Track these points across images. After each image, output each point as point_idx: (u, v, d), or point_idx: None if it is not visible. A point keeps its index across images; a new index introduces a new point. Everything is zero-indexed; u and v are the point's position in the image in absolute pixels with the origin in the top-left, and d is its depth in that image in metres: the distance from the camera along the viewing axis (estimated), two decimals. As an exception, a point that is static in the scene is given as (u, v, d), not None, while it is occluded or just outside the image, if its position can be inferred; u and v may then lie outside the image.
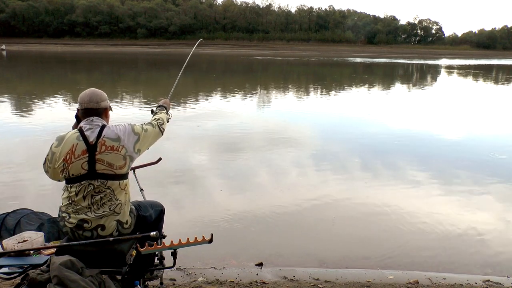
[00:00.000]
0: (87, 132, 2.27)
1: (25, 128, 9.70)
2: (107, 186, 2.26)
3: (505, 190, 6.14)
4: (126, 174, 2.34)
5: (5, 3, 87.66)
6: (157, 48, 78.49)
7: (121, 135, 2.30)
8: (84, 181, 2.23)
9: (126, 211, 2.35)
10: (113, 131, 2.30)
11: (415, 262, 4.05)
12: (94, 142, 2.24)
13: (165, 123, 2.73)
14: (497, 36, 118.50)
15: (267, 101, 16.37)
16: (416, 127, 10.94)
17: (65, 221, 2.25)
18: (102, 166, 2.23)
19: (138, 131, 2.41)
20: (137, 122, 2.53)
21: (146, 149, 2.53)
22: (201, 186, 5.97)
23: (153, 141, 2.56)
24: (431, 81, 29.23)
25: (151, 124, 2.58)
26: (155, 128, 2.57)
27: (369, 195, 5.73)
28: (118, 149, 2.27)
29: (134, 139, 2.36)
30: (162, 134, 2.64)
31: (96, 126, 2.29)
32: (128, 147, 2.31)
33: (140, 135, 2.40)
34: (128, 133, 2.35)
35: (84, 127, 2.29)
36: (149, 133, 2.49)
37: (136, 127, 2.43)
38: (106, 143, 2.25)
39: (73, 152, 2.23)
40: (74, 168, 2.23)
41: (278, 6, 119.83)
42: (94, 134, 2.26)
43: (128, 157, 2.31)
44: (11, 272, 2.13)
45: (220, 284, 3.47)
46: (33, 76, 25.23)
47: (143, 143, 2.43)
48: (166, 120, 2.77)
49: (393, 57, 66.87)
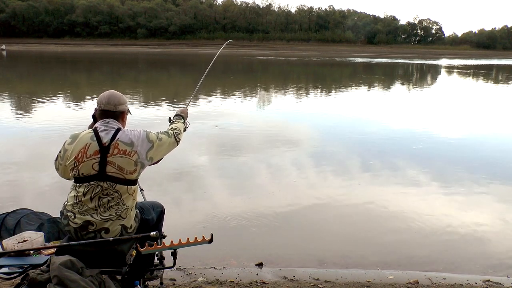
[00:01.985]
0: (101, 133, 2.26)
1: (25, 128, 9.69)
2: (115, 190, 2.24)
3: (505, 190, 6.13)
4: (135, 180, 2.33)
5: (5, 3, 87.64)
6: (157, 48, 78.52)
7: (134, 141, 2.28)
8: (93, 182, 2.22)
9: (131, 216, 2.34)
10: (127, 135, 2.28)
11: (415, 262, 4.05)
12: (107, 144, 2.23)
13: (182, 133, 2.68)
14: (497, 36, 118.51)
15: (267, 101, 16.37)
16: (416, 127, 10.93)
17: (70, 220, 2.24)
18: (113, 169, 2.22)
19: (152, 139, 2.38)
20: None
21: (160, 159, 2.50)
22: (201, 186, 5.97)
23: (168, 151, 2.52)
24: (431, 81, 29.24)
25: (167, 134, 2.53)
26: (171, 138, 2.53)
27: (369, 195, 5.73)
28: (130, 154, 2.25)
29: (148, 147, 2.34)
30: (177, 144, 2.59)
31: (111, 128, 2.28)
32: (141, 154, 2.29)
33: (154, 143, 2.38)
34: (142, 139, 2.32)
35: (99, 128, 2.28)
36: (163, 142, 2.45)
37: (151, 134, 2.40)
38: (119, 146, 2.24)
39: (85, 151, 2.22)
40: (84, 168, 2.22)
41: (278, 6, 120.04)
42: (109, 136, 2.25)
43: (140, 163, 2.29)
44: (11, 272, 2.13)
45: (220, 284, 3.47)
46: (33, 76, 25.24)
47: (156, 152, 2.40)
48: (182, 130, 2.73)
49: (393, 57, 66.87)
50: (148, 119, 10.26)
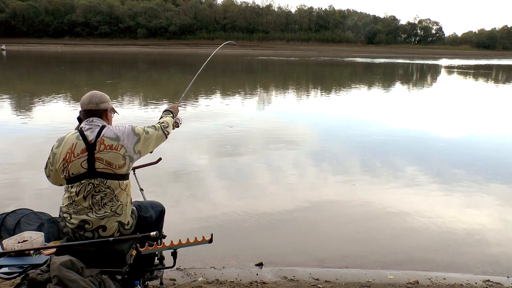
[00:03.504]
0: (86, 132, 2.28)
1: (25, 128, 9.69)
2: (106, 186, 2.25)
3: (505, 190, 6.13)
4: (126, 174, 2.34)
5: (5, 3, 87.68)
6: (157, 48, 78.53)
7: (120, 135, 2.31)
8: (84, 180, 2.24)
9: (127, 212, 2.34)
10: (112, 130, 2.31)
11: (415, 262, 4.05)
12: (93, 141, 2.25)
13: (170, 127, 2.70)
14: (497, 36, 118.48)
15: (267, 101, 16.36)
16: (416, 127, 10.93)
17: (66, 221, 2.25)
18: (101, 164, 2.24)
19: (138, 132, 2.40)
20: (139, 123, 2.53)
21: (149, 152, 2.52)
22: (201, 186, 5.97)
23: (156, 144, 2.54)
24: (431, 81, 29.24)
25: (154, 127, 2.55)
26: (158, 131, 2.55)
27: (369, 195, 5.72)
28: (117, 148, 2.27)
29: (134, 140, 2.36)
30: (166, 137, 2.62)
31: (96, 126, 2.31)
32: (128, 147, 2.31)
33: (141, 137, 2.40)
34: (128, 133, 2.35)
35: (84, 127, 2.31)
36: (150, 135, 2.47)
37: (137, 128, 2.42)
38: (105, 142, 2.26)
39: (72, 151, 2.24)
40: (74, 167, 2.23)
41: (278, 6, 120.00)
42: (94, 134, 2.27)
43: (128, 157, 2.30)
44: (11, 272, 2.13)
45: (220, 284, 3.47)
46: (33, 76, 25.24)
47: (144, 145, 2.42)
48: (171, 124, 2.75)
49: (393, 57, 66.87)
50: (148, 119, 10.37)
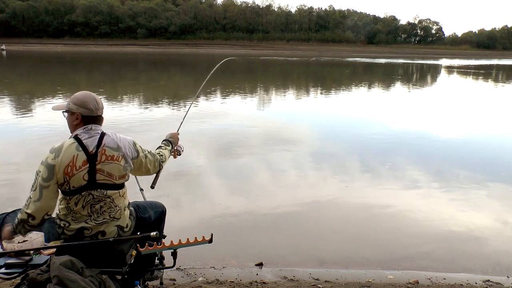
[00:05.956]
0: (85, 141, 2.16)
1: (24, 128, 9.69)
2: (107, 196, 2.21)
3: (505, 190, 6.13)
4: (124, 182, 2.32)
5: (5, 3, 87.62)
6: (157, 48, 78.51)
7: (121, 145, 2.23)
8: (84, 192, 2.16)
9: (126, 215, 2.33)
10: (113, 139, 2.22)
11: (415, 262, 4.05)
12: (94, 152, 2.15)
13: (166, 162, 2.64)
14: (497, 36, 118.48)
15: (267, 101, 16.36)
16: (416, 127, 10.93)
17: (64, 228, 2.22)
18: (102, 176, 2.17)
19: (138, 149, 2.34)
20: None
21: (135, 175, 2.49)
22: (201, 186, 5.97)
23: (146, 171, 2.44)
24: (431, 81, 29.24)
25: (153, 155, 2.48)
26: (156, 161, 2.49)
27: (369, 195, 5.73)
28: (118, 159, 2.21)
29: (133, 155, 2.30)
30: (158, 170, 2.56)
31: (95, 133, 2.20)
32: (127, 159, 2.26)
33: (140, 154, 2.34)
34: (129, 145, 2.29)
35: (82, 136, 2.17)
36: (148, 159, 2.42)
37: (138, 145, 2.37)
38: (107, 152, 2.18)
39: (74, 164, 2.11)
40: (75, 181, 2.13)
41: (278, 6, 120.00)
42: (94, 143, 2.17)
43: (128, 168, 2.27)
44: (11, 272, 2.13)
45: (220, 284, 3.47)
46: (33, 76, 25.23)
47: (140, 165, 2.36)
48: (167, 158, 2.69)
49: (393, 57, 66.86)
50: (148, 119, 10.48)
